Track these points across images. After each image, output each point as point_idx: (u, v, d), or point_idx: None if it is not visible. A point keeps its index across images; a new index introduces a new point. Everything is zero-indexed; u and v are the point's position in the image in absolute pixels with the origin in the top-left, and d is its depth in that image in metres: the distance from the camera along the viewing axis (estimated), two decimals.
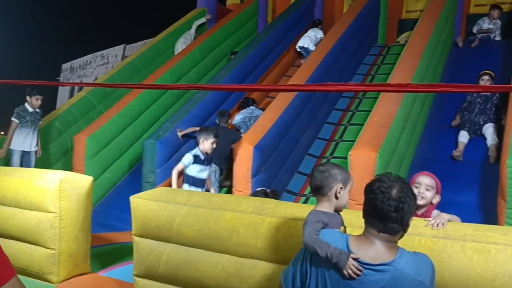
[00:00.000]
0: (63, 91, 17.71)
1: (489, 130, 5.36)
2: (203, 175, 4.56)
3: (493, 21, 7.75)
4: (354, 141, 4.62)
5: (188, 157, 4.51)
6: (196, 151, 4.57)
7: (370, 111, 5.16)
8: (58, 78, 20.22)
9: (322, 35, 8.13)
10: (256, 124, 5.25)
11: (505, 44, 7.42)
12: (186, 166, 4.51)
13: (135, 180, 6.22)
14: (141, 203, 3.01)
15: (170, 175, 5.80)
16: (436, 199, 2.80)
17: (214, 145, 4.56)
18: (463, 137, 5.46)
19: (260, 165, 4.83)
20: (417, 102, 5.55)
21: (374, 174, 3.97)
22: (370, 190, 1.77)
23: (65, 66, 20.15)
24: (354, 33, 7.60)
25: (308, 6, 9.26)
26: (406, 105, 5.04)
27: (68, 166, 6.21)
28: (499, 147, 4.92)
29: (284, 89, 4.56)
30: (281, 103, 5.53)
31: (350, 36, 7.45)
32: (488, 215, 4.20)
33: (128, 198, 4.73)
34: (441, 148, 5.53)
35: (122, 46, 16.43)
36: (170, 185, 5.71)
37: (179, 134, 6.01)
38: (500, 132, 5.11)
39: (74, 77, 18.71)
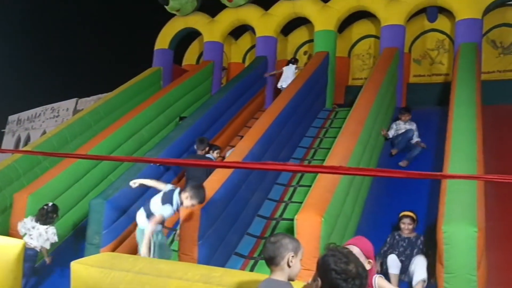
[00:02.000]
0: (7, 144, 17.00)
1: (419, 263, 4.44)
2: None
3: (408, 122, 7.26)
4: (302, 202, 4.72)
5: (169, 211, 4.34)
6: (176, 197, 4.38)
7: (317, 173, 5.32)
8: (3, 130, 19.45)
9: (296, 68, 9.32)
10: (204, 185, 5.25)
11: (441, 110, 8.01)
12: (165, 219, 4.36)
13: (78, 242, 5.95)
14: (83, 270, 2.89)
15: (116, 236, 5.66)
16: (369, 266, 2.84)
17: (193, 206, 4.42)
18: (395, 265, 4.59)
19: (207, 227, 4.78)
20: (361, 164, 5.80)
21: (319, 238, 4.06)
22: (328, 268, 1.77)
23: (12, 118, 19.49)
24: (304, 97, 7.98)
25: (261, 70, 9.68)
26: None
27: (5, 225, 5.87)
28: None
29: (225, 165, 4.68)
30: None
31: (300, 100, 7.81)
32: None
33: (68, 262, 4.50)
34: (386, 208, 5.74)
35: (74, 99, 16.21)
36: (115, 248, 5.52)
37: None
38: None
39: (21, 130, 18.07)
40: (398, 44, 8.80)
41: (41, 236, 5.29)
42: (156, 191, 4.74)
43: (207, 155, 6.68)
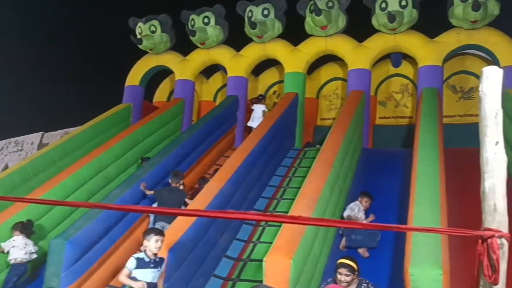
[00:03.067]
0: None
1: None
2: (149, 278, 4.22)
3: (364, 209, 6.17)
4: (271, 243, 4.68)
5: (131, 261, 4.24)
6: (140, 253, 4.33)
7: (287, 212, 5.32)
8: None
9: (265, 108, 9.48)
10: (172, 226, 5.16)
11: (406, 151, 8.24)
12: (130, 271, 4.22)
13: (35, 284, 5.65)
14: None
15: (76, 279, 5.41)
16: None
17: (159, 243, 4.24)
18: None
19: (173, 269, 4.65)
20: (329, 206, 5.82)
21: (288, 281, 4.01)
22: None
23: None
24: (273, 136, 8.08)
25: (232, 109, 9.78)
26: (319, 210, 5.27)
27: None
28: None
29: (187, 214, 4.58)
30: (198, 204, 5.53)
31: (270, 139, 7.89)
32: None
33: None
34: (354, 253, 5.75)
35: (40, 133, 15.77)
36: None
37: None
38: None
39: None
40: (364, 87, 9.13)
41: (28, 250, 5.81)
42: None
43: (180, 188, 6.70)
